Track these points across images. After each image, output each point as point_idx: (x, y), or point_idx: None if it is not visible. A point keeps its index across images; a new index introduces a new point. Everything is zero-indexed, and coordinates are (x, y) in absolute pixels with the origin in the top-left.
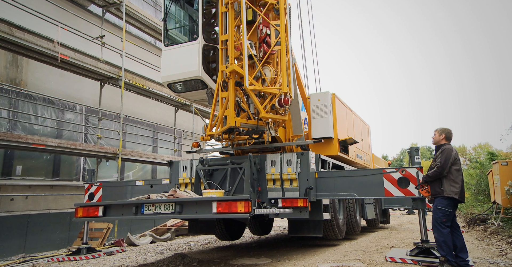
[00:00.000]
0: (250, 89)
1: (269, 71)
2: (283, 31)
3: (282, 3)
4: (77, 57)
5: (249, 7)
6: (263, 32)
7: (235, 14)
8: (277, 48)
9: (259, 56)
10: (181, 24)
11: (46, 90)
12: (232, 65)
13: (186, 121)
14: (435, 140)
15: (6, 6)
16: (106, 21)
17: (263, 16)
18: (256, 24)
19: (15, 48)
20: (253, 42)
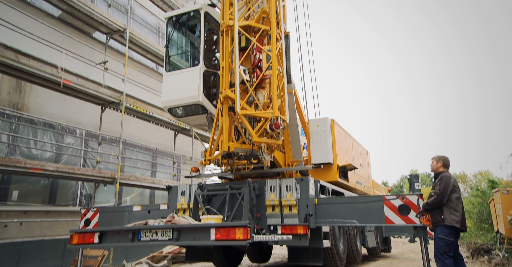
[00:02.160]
0: (242, 113)
1: (262, 96)
2: (274, 56)
3: (274, 28)
4: (80, 82)
5: (242, 34)
6: (256, 57)
7: (230, 40)
8: (268, 72)
9: (252, 81)
10: (182, 51)
11: (48, 114)
12: (225, 90)
13: (185, 145)
14: (433, 167)
15: (14, 34)
16: (109, 48)
17: (256, 42)
18: (249, 50)
19: (20, 74)
20: (246, 67)
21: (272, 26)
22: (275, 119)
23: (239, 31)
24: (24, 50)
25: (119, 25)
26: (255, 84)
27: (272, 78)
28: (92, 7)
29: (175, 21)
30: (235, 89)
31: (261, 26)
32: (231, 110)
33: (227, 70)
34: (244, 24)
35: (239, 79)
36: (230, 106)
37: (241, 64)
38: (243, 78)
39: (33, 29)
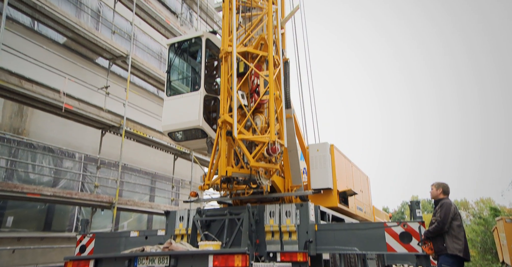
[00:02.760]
0: (239, 138)
1: (260, 120)
2: (272, 81)
3: (271, 54)
4: (81, 107)
5: (241, 60)
6: (254, 83)
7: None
8: (266, 97)
9: (250, 106)
10: (183, 76)
11: (48, 138)
12: (223, 115)
13: (184, 170)
14: (432, 194)
15: (19, 61)
16: (111, 73)
17: (253, 67)
18: (247, 75)
19: (23, 99)
20: (245, 92)
21: (270, 52)
22: (272, 144)
23: (238, 57)
24: (28, 76)
25: (122, 51)
26: (252, 109)
27: (269, 103)
28: (96, 34)
29: (177, 47)
30: (232, 114)
31: (259, 52)
32: (229, 135)
33: (226, 95)
34: (242, 51)
35: (237, 104)
36: (228, 131)
37: (240, 89)
38: (241, 103)
39: (38, 56)
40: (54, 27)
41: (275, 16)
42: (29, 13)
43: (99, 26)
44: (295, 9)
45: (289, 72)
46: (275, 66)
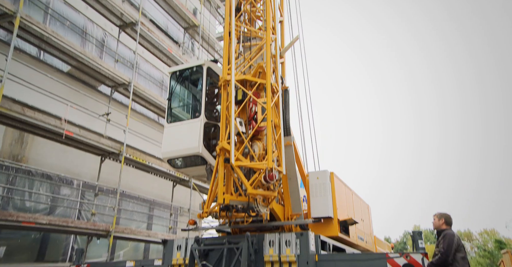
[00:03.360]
0: (236, 165)
1: (257, 147)
2: (269, 108)
3: (268, 82)
4: (82, 133)
5: (239, 88)
6: (252, 110)
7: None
8: (263, 124)
9: (248, 133)
10: (184, 103)
11: (47, 165)
12: (221, 142)
13: (183, 197)
14: (435, 225)
15: (23, 88)
16: (113, 100)
17: (251, 95)
18: (245, 102)
19: (24, 126)
20: (243, 120)
21: (267, 80)
22: (270, 171)
23: (236, 85)
24: (31, 103)
25: (124, 79)
26: (249, 135)
27: (267, 130)
28: (100, 63)
29: (178, 75)
30: (230, 141)
31: (257, 79)
32: (226, 162)
33: (225, 122)
34: (241, 78)
35: (234, 131)
36: (226, 158)
37: (238, 116)
38: (239, 130)
39: (42, 84)
40: (59, 57)
41: (274, 45)
42: (36, 43)
43: (103, 55)
44: (294, 39)
45: (289, 100)
46: (274, 94)
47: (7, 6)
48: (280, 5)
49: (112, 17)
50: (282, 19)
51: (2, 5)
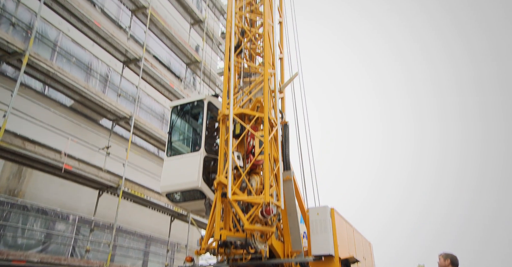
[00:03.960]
0: (233, 199)
1: (255, 181)
2: (266, 141)
3: (266, 116)
4: (81, 167)
5: (237, 122)
6: (250, 144)
7: (226, 128)
8: (261, 158)
9: (246, 167)
10: (184, 137)
11: (43, 200)
12: (219, 176)
13: (181, 232)
14: (440, 265)
15: (25, 122)
16: (113, 133)
17: (249, 128)
18: (243, 136)
19: (24, 161)
20: (241, 153)
21: (265, 113)
22: (267, 205)
23: (235, 119)
24: (32, 137)
25: (126, 113)
26: (247, 169)
27: (264, 164)
28: (102, 97)
29: (179, 109)
30: (228, 175)
31: (255, 113)
32: (223, 196)
33: (222, 156)
34: (239, 112)
35: (232, 165)
36: (223, 192)
37: (236, 150)
38: (236, 164)
39: (45, 118)
40: (63, 91)
41: (273, 80)
42: (42, 79)
43: (106, 89)
44: (294, 75)
45: (289, 135)
46: (272, 128)
47: (17, 45)
48: (280, 42)
49: (117, 54)
50: (282, 56)
51: (13, 44)
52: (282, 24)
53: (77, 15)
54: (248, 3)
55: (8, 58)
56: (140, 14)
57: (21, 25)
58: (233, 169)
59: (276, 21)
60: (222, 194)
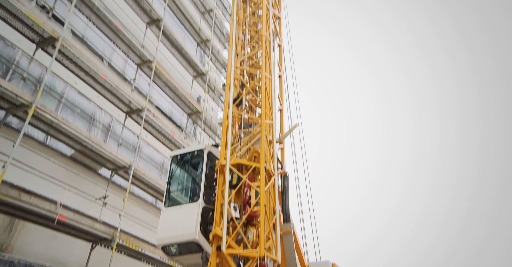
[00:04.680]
0: (227, 253)
1: (251, 233)
2: (263, 192)
3: (262, 166)
4: (75, 218)
5: (234, 172)
6: (247, 195)
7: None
8: (257, 209)
9: (242, 218)
10: (183, 186)
11: (33, 254)
12: (214, 229)
13: None
14: None
15: (24, 173)
16: (112, 183)
17: (245, 178)
18: (239, 187)
19: (17, 212)
20: (237, 205)
21: (261, 163)
22: (262, 259)
23: (231, 169)
24: (29, 188)
25: (126, 162)
26: (242, 221)
27: (260, 215)
28: (103, 147)
29: (179, 159)
30: (222, 227)
31: (252, 163)
32: (218, 250)
33: (219, 209)
34: (236, 162)
35: (228, 217)
36: (218, 245)
37: (233, 201)
38: (232, 216)
39: (44, 168)
40: (65, 141)
41: (272, 131)
42: (45, 129)
43: (107, 139)
44: (293, 127)
45: (288, 186)
46: (270, 178)
47: (26, 98)
48: (280, 94)
49: (121, 104)
50: (282, 108)
51: (21, 97)
52: (281, 78)
53: (85, 69)
54: (249, 58)
55: (15, 110)
56: (145, 67)
57: (31, 79)
58: (229, 220)
59: (276, 75)
60: (217, 247)
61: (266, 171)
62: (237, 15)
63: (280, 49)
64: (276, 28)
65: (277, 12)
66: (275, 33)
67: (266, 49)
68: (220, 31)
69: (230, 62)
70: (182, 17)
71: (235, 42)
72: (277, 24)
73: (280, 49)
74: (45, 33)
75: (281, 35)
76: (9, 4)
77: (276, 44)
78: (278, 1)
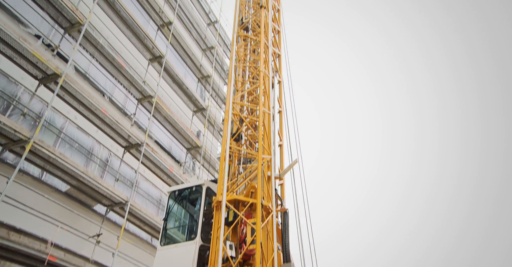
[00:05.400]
0: None
1: None
2: (259, 229)
3: (259, 201)
4: (66, 258)
5: (230, 209)
6: (243, 232)
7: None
8: (252, 247)
9: (238, 257)
10: (180, 223)
11: None
12: None
13: None
14: None
15: (15, 210)
16: (106, 219)
17: (241, 215)
18: (235, 223)
19: (4, 253)
20: (233, 243)
21: (258, 199)
22: None
23: (228, 205)
24: (19, 226)
25: (122, 198)
26: (237, 260)
27: (256, 254)
28: (100, 182)
29: (177, 194)
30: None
31: (249, 199)
32: None
33: (214, 248)
34: (232, 198)
35: (222, 256)
36: None
37: (229, 239)
38: (227, 255)
39: (37, 204)
40: (61, 177)
41: (271, 166)
42: (41, 165)
43: (104, 174)
44: (293, 162)
45: (288, 224)
46: (268, 213)
47: (24, 133)
48: (280, 130)
49: (119, 139)
50: (282, 143)
51: (20, 132)
52: (281, 113)
53: (86, 104)
54: (249, 93)
55: (12, 145)
56: (146, 102)
57: (31, 115)
58: (224, 260)
59: (276, 110)
60: None
61: (263, 207)
62: (237, 53)
63: (280, 85)
64: (276, 65)
65: (277, 50)
66: (275, 70)
67: (265, 85)
68: (221, 68)
69: (228, 98)
70: (183, 54)
71: (235, 79)
72: (277, 61)
73: (280, 85)
74: (48, 70)
75: (281, 72)
76: (16, 43)
77: (276, 81)
78: (277, 19)
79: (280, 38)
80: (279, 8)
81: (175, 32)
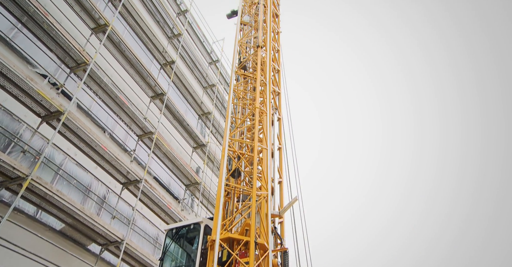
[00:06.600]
0: None
1: None
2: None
3: (252, 240)
4: None
5: (224, 248)
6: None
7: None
8: None
9: None
10: (177, 263)
11: None
12: None
13: None
14: None
15: (4, 251)
16: (100, 259)
17: (234, 254)
18: (230, 262)
19: None
20: None
21: (251, 238)
22: None
23: (222, 244)
24: None
25: (118, 237)
26: None
27: None
28: (96, 220)
29: (174, 233)
30: None
31: (243, 237)
32: None
33: None
34: (226, 237)
35: None
36: None
37: None
38: None
39: (29, 245)
40: (57, 215)
41: (269, 203)
42: (37, 202)
43: (101, 212)
44: (293, 200)
45: (288, 263)
46: (264, 253)
47: (23, 170)
48: (280, 167)
49: (118, 175)
50: (281, 180)
51: (18, 170)
52: (281, 151)
53: (86, 141)
54: (248, 130)
55: (9, 183)
56: (146, 139)
57: (31, 151)
58: None
59: (275, 147)
60: None
61: (259, 245)
62: (237, 91)
63: (280, 123)
64: (276, 103)
65: (276, 88)
66: (274, 107)
67: (262, 121)
68: (221, 104)
69: (225, 135)
70: (185, 91)
71: (235, 116)
72: (277, 99)
73: (280, 123)
74: (52, 107)
75: (281, 109)
76: (23, 83)
77: (276, 118)
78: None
79: (280, 77)
80: (279, 49)
81: (177, 70)
